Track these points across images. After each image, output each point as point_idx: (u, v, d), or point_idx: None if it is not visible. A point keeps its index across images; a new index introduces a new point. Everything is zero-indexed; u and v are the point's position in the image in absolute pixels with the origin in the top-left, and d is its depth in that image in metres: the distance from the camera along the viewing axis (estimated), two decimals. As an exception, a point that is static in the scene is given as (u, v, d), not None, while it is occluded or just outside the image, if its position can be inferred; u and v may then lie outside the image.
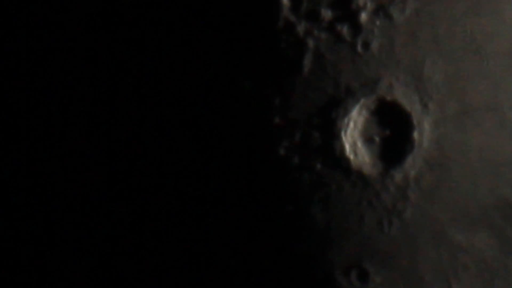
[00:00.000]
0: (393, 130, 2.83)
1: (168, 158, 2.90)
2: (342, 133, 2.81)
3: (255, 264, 2.91)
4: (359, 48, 2.80)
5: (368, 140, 2.84)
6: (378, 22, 2.80)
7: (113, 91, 2.94)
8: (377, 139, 2.83)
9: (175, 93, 2.88)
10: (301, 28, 2.82)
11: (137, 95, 2.91)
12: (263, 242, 2.89)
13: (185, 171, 2.89)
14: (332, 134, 2.82)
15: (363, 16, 2.80)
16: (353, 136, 2.82)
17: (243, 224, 2.88)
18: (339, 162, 2.82)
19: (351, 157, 2.82)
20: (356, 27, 2.81)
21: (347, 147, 2.81)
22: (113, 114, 2.93)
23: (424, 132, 2.80)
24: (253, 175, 2.86)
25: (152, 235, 2.98)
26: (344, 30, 2.81)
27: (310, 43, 2.82)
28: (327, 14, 2.81)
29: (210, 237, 2.92)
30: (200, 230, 2.92)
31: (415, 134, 2.80)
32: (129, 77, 2.93)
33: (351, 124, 2.82)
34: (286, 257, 2.89)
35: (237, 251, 2.91)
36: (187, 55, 2.87)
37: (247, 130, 2.85)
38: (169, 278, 3.01)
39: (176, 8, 2.87)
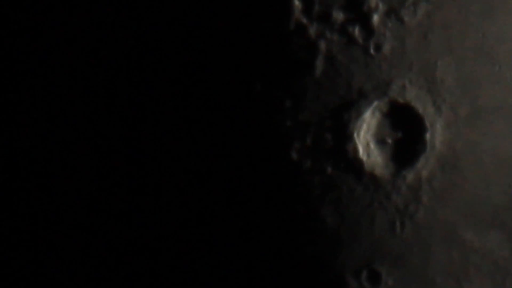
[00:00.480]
0: (405, 132, 2.84)
1: (179, 160, 2.89)
2: (355, 135, 2.81)
3: (266, 265, 2.91)
4: (372, 50, 2.81)
5: (380, 141, 2.84)
6: (390, 25, 2.80)
7: (123, 93, 2.93)
8: (389, 140, 2.84)
9: (185, 95, 2.87)
10: (313, 30, 2.82)
11: (148, 96, 2.90)
12: (274, 244, 2.89)
13: (195, 173, 2.88)
14: (344, 136, 2.82)
15: (375, 19, 2.80)
16: (366, 138, 2.82)
17: (255, 226, 2.88)
18: (352, 163, 2.82)
19: (364, 158, 2.82)
20: (368, 30, 2.81)
21: (360, 148, 2.81)
22: (121, 116, 2.92)
23: (436, 134, 2.81)
24: (265, 177, 2.86)
25: (156, 237, 2.98)
26: (356, 32, 2.81)
27: (322, 45, 2.82)
28: (339, 16, 2.82)
29: (220, 238, 2.91)
30: (210, 232, 2.91)
31: (428, 136, 2.81)
32: (137, 78, 2.91)
33: (364, 126, 2.82)
34: (297, 259, 2.89)
35: (248, 253, 2.90)
36: (198, 57, 2.86)
37: (258, 132, 2.85)
38: (172, 279, 3.00)
39: (186, 9, 2.86)
